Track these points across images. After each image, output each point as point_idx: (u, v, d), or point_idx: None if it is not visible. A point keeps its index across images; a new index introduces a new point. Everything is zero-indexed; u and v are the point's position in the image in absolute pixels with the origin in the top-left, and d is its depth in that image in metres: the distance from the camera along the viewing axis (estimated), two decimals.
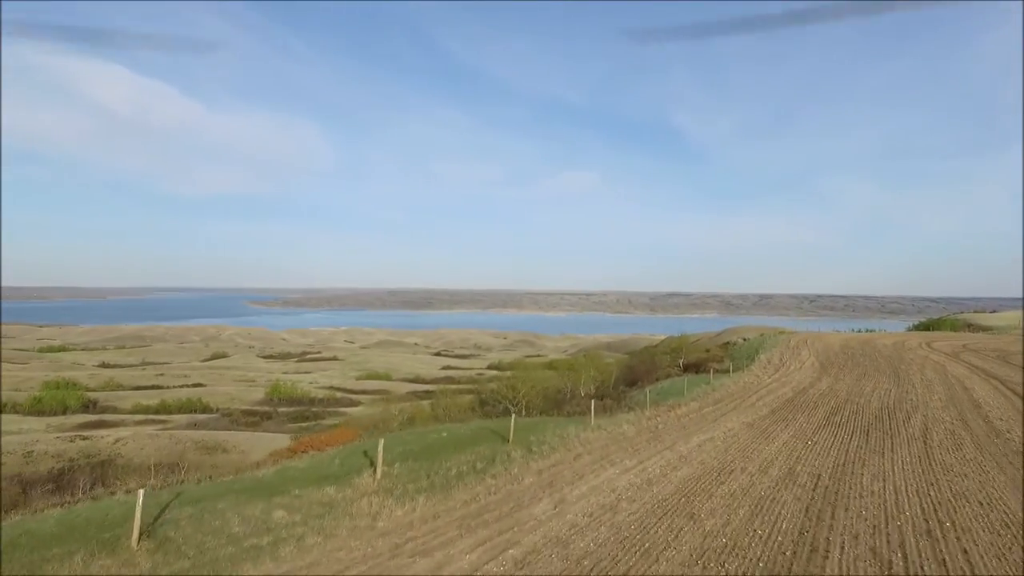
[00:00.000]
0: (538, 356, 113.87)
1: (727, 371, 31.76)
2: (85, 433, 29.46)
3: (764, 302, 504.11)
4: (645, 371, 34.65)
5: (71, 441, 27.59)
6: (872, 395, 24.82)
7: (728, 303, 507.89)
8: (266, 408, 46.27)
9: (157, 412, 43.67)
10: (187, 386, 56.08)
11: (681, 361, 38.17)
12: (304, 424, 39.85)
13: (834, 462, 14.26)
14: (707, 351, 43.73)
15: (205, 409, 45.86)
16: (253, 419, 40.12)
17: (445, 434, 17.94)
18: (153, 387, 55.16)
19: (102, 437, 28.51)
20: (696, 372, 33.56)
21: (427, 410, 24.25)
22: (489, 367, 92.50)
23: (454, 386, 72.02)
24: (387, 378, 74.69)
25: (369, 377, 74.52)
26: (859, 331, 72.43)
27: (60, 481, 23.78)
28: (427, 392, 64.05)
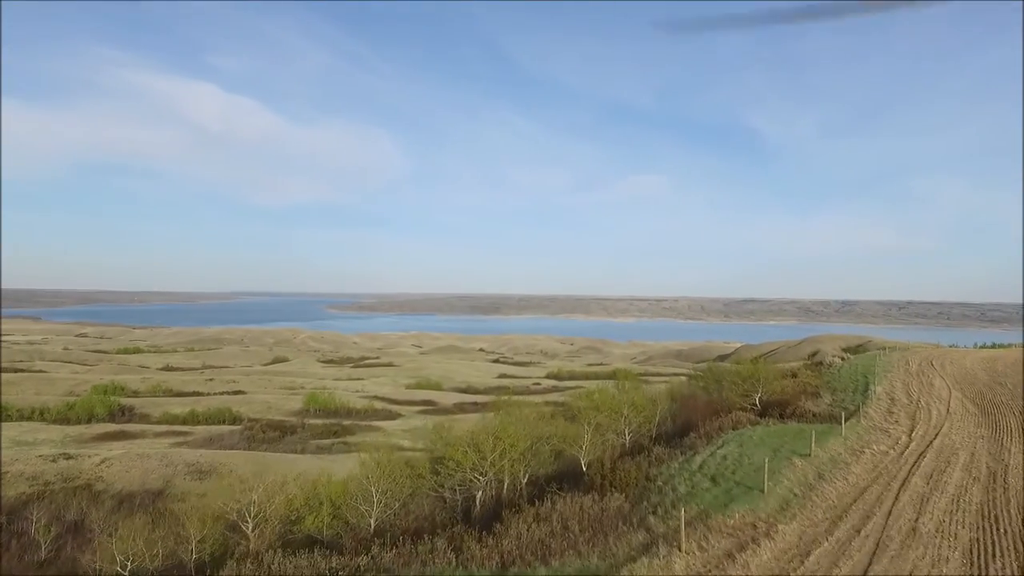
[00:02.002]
0: (601, 365, 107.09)
1: (831, 416, 21.47)
2: (73, 451, 26.70)
3: (847, 309, 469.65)
4: (704, 410, 23.87)
5: (53, 461, 24.78)
6: None
7: (807, 309, 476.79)
8: (296, 420, 43.11)
9: (184, 422, 41.47)
10: (228, 393, 54.33)
11: (758, 396, 26.56)
12: (327, 441, 36.14)
13: None
14: (793, 375, 32.38)
15: (235, 419, 43.31)
16: (274, 435, 36.82)
17: None
18: (194, 393, 53.78)
19: (88, 457, 25.58)
20: (781, 417, 22.73)
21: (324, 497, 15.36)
22: (547, 376, 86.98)
23: (506, 397, 67.23)
24: (437, 387, 70.81)
25: (419, 386, 70.94)
26: (984, 346, 61.25)
27: (12, 515, 20.71)
28: (475, 404, 59.53)
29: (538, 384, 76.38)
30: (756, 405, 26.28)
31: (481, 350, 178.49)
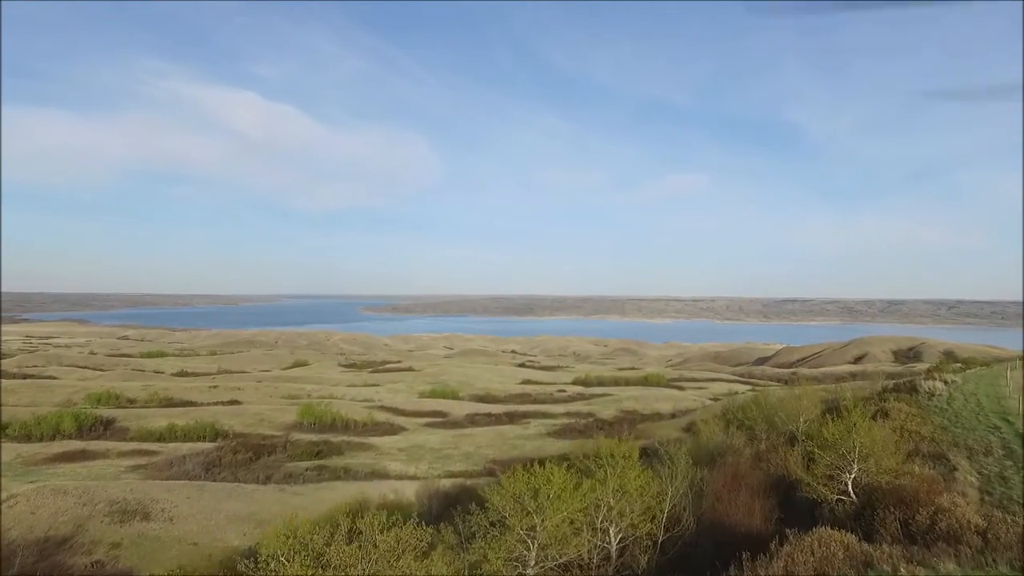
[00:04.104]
0: (633, 369, 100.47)
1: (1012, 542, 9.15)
2: None
3: (893, 308, 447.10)
4: (750, 493, 13.12)
5: None
6: None
7: (851, 309, 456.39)
8: (281, 436, 38.86)
9: (160, 438, 37.70)
10: (222, 403, 50.70)
11: (850, 476, 13.71)
12: (309, 464, 31.57)
13: None
14: (883, 412, 19.05)
15: (216, 435, 39.36)
16: (246, 456, 32.49)
17: None
18: (187, 403, 50.38)
19: None
20: (908, 535, 10.29)
21: None
22: (574, 381, 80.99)
23: (527, 407, 61.90)
24: (453, 395, 65.89)
25: (433, 394, 66.21)
26: None
27: None
28: (490, 415, 54.43)
29: (563, 391, 70.67)
30: (849, 494, 13.83)
31: (513, 352, 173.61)
